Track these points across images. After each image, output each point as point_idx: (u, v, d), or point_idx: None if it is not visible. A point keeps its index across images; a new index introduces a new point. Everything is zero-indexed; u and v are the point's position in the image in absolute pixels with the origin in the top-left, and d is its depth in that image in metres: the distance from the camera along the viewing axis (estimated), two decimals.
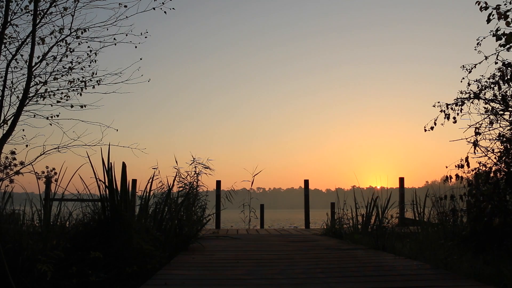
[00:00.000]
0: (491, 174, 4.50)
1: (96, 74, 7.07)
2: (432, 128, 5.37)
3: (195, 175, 6.94)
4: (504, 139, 4.59)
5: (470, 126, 5.03)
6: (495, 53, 4.82)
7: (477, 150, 4.77)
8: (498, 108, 5.01)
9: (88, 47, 7.04)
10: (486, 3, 4.54)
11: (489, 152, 4.73)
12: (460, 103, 5.24)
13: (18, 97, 6.66)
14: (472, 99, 5.22)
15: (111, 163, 4.62)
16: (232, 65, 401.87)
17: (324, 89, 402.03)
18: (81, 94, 7.09)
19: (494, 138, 4.79)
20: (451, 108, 5.26)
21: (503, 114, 4.98)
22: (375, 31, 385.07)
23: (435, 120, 5.34)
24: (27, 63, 6.44)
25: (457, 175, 4.81)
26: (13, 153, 7.59)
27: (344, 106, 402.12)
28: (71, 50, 6.98)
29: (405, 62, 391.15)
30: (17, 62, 6.85)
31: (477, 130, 4.91)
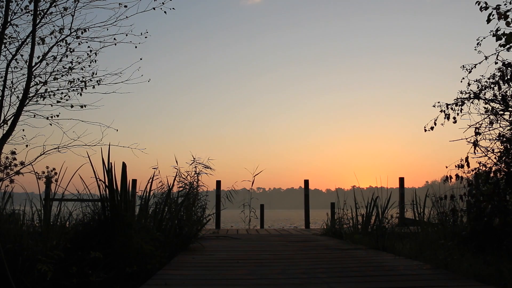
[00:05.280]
0: (491, 174, 4.50)
1: (96, 74, 7.08)
2: (432, 128, 5.37)
3: (195, 175, 6.94)
4: (504, 139, 4.59)
5: (470, 126, 5.02)
6: (495, 53, 4.82)
7: (477, 150, 4.77)
8: (498, 108, 5.01)
9: (88, 47, 7.04)
10: (486, 3, 4.54)
11: (489, 152, 4.73)
12: (460, 103, 5.23)
13: (18, 97, 6.66)
14: (472, 99, 5.21)
15: (111, 163, 4.62)
16: (233, 66, 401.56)
17: (324, 89, 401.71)
18: (81, 94, 7.08)
19: (494, 138, 4.78)
20: (451, 108, 5.26)
21: (503, 114, 4.98)
22: (375, 21, 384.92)
23: (435, 120, 5.33)
24: (27, 63, 6.44)
25: (457, 175, 4.80)
26: (13, 153, 7.58)
27: (345, 106, 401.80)
28: (71, 50, 6.98)
29: (405, 61, 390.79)
30: (17, 62, 6.85)
31: (477, 130, 4.90)
